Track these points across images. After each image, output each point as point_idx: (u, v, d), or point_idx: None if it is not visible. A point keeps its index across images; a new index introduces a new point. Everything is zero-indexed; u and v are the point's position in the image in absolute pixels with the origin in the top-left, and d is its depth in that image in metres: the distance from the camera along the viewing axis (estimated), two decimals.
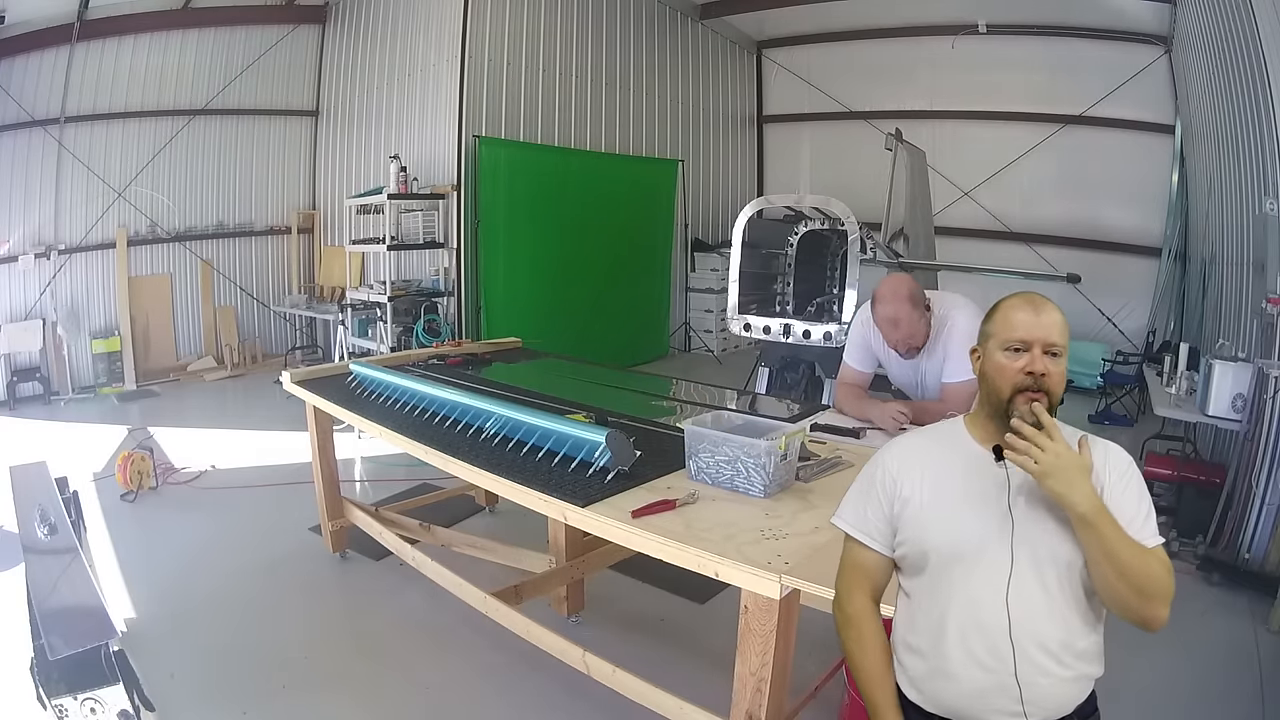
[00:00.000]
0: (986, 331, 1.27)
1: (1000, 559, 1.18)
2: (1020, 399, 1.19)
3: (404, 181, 6.32)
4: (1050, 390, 1.19)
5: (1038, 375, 1.19)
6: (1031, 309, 1.22)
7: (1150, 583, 1.11)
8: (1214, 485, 3.83)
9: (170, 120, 7.38)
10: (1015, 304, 1.25)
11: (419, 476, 4.50)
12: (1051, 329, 1.21)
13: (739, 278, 4.65)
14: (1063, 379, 1.21)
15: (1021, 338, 1.21)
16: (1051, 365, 1.20)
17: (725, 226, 8.50)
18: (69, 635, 1.70)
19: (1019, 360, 1.21)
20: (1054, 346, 1.20)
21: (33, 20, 6.22)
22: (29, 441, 5.40)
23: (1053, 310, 1.23)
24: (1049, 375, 1.19)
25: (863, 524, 1.33)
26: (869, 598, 1.33)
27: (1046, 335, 1.20)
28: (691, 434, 2.06)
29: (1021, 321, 1.22)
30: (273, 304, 8.28)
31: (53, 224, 6.70)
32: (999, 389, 1.22)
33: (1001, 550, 1.19)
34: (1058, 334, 1.21)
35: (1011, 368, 1.21)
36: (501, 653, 2.73)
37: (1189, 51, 6.04)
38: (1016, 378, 1.20)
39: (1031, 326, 1.21)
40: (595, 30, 7.78)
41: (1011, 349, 1.21)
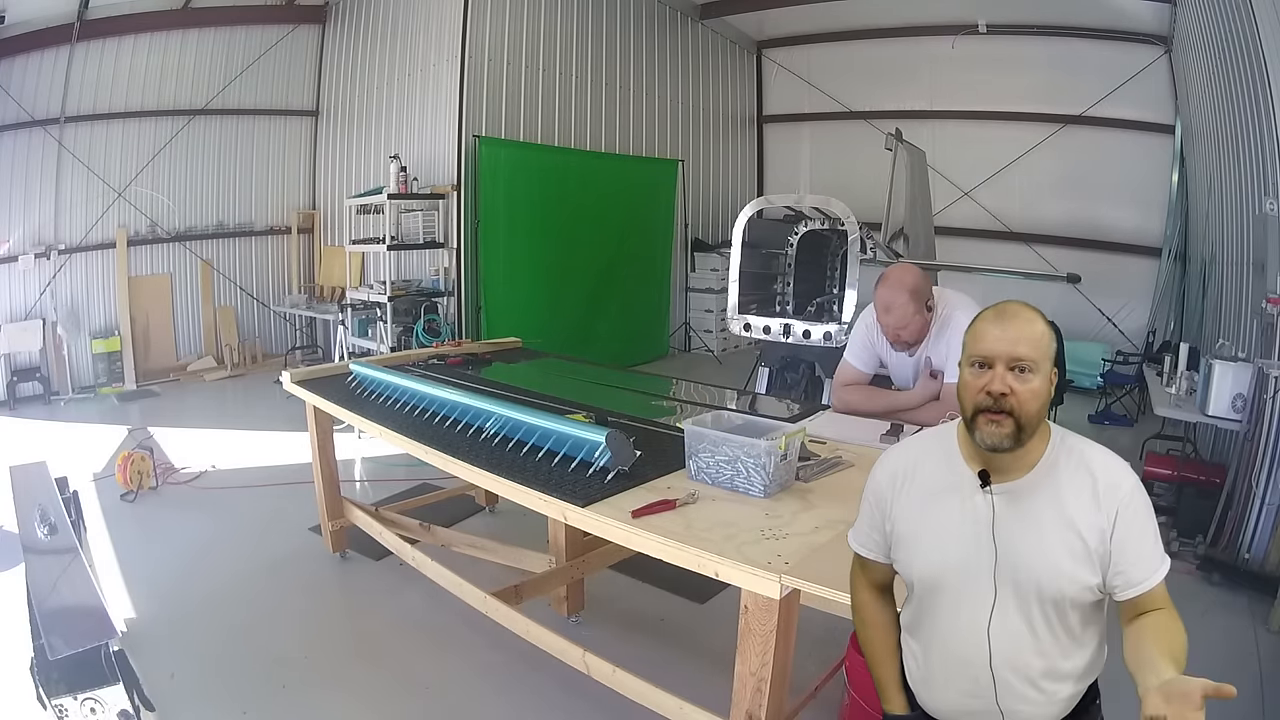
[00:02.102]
0: (964, 342, 1.20)
1: (983, 590, 1.17)
2: (981, 419, 1.13)
3: (404, 181, 6.32)
4: (1015, 410, 1.10)
5: (996, 395, 1.11)
6: (999, 323, 1.14)
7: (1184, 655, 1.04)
8: (1214, 485, 3.83)
9: (170, 120, 7.37)
10: (985, 316, 1.17)
11: (419, 476, 4.50)
12: (1018, 343, 1.11)
13: (739, 278, 4.65)
14: (1034, 395, 1.11)
15: (983, 353, 1.13)
16: (1017, 382, 1.11)
17: (725, 226, 8.50)
18: (69, 635, 1.70)
19: (982, 378, 1.13)
20: (1021, 362, 1.11)
21: (33, 20, 6.22)
22: (29, 441, 5.40)
23: (1025, 323, 1.13)
24: (1012, 394, 1.10)
25: (866, 541, 1.35)
26: (876, 589, 1.38)
27: (1011, 350, 1.11)
28: (691, 434, 2.06)
29: (986, 335, 1.14)
30: (273, 304, 8.27)
31: (53, 224, 6.70)
32: (964, 407, 1.16)
33: (984, 581, 1.17)
34: (1027, 348, 1.11)
35: (974, 385, 1.14)
36: (501, 652, 2.74)
37: (1189, 51, 6.04)
38: (977, 396, 1.13)
39: (995, 341, 1.13)
40: (595, 30, 7.78)
41: (975, 364, 1.15)
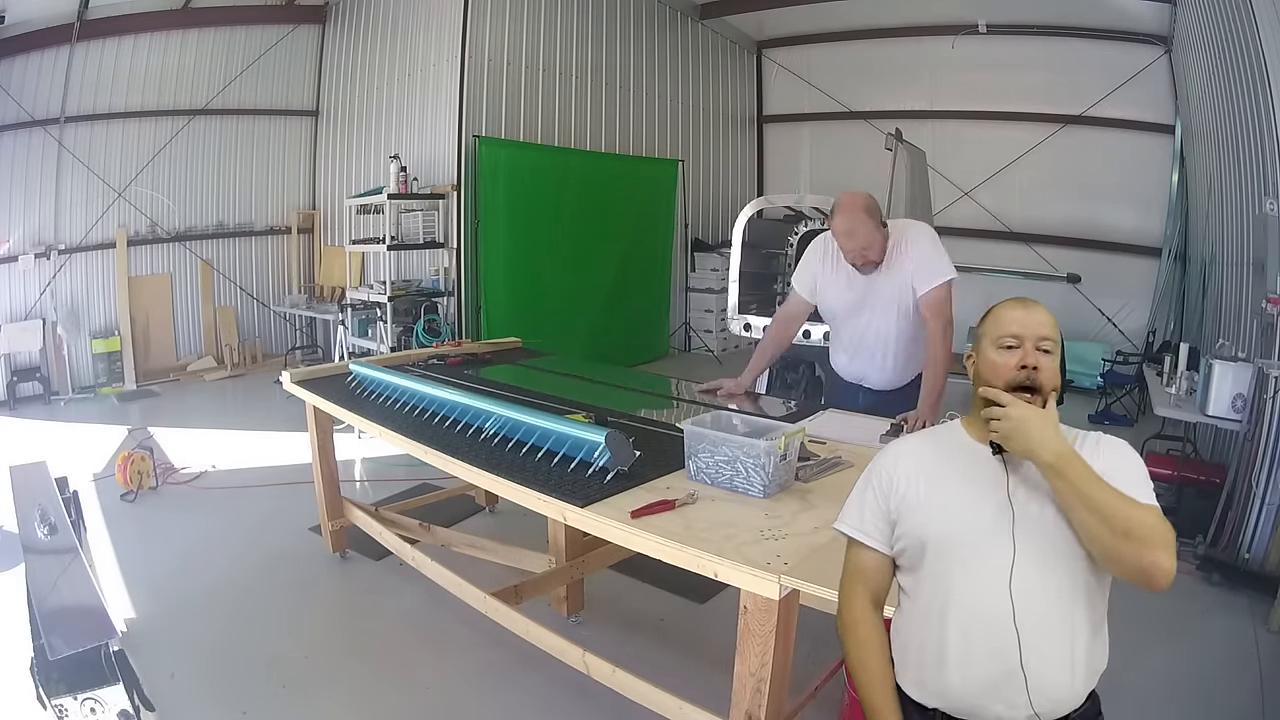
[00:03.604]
0: (979, 333, 1.31)
1: (1002, 548, 1.18)
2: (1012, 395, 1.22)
3: (404, 181, 6.32)
4: (1043, 385, 1.22)
5: (1030, 368, 1.22)
6: (1022, 308, 1.28)
7: (1137, 526, 1.09)
8: (1214, 485, 3.83)
9: (170, 120, 7.37)
10: (1006, 304, 1.30)
11: (419, 476, 4.50)
12: (1043, 325, 1.25)
13: (739, 278, 4.66)
14: (1056, 374, 1.24)
15: (1014, 333, 1.25)
16: (1044, 359, 1.23)
17: (725, 226, 8.49)
18: (69, 635, 1.70)
19: (1012, 356, 1.24)
20: (1045, 341, 1.24)
21: (33, 20, 6.22)
22: (29, 441, 5.40)
23: (1042, 309, 1.28)
24: (1041, 369, 1.23)
25: (860, 523, 1.34)
26: (869, 602, 1.34)
27: (1038, 330, 1.24)
28: (691, 434, 2.06)
29: (1013, 318, 1.26)
30: (273, 304, 8.27)
31: (53, 224, 6.70)
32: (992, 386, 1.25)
33: (1003, 540, 1.19)
34: (1049, 329, 1.25)
35: (1005, 364, 1.24)
36: (501, 652, 2.73)
37: (1189, 51, 6.04)
38: (1010, 373, 1.23)
39: (1023, 323, 1.25)
40: (595, 30, 7.78)
41: (1005, 345, 1.25)
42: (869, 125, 8.46)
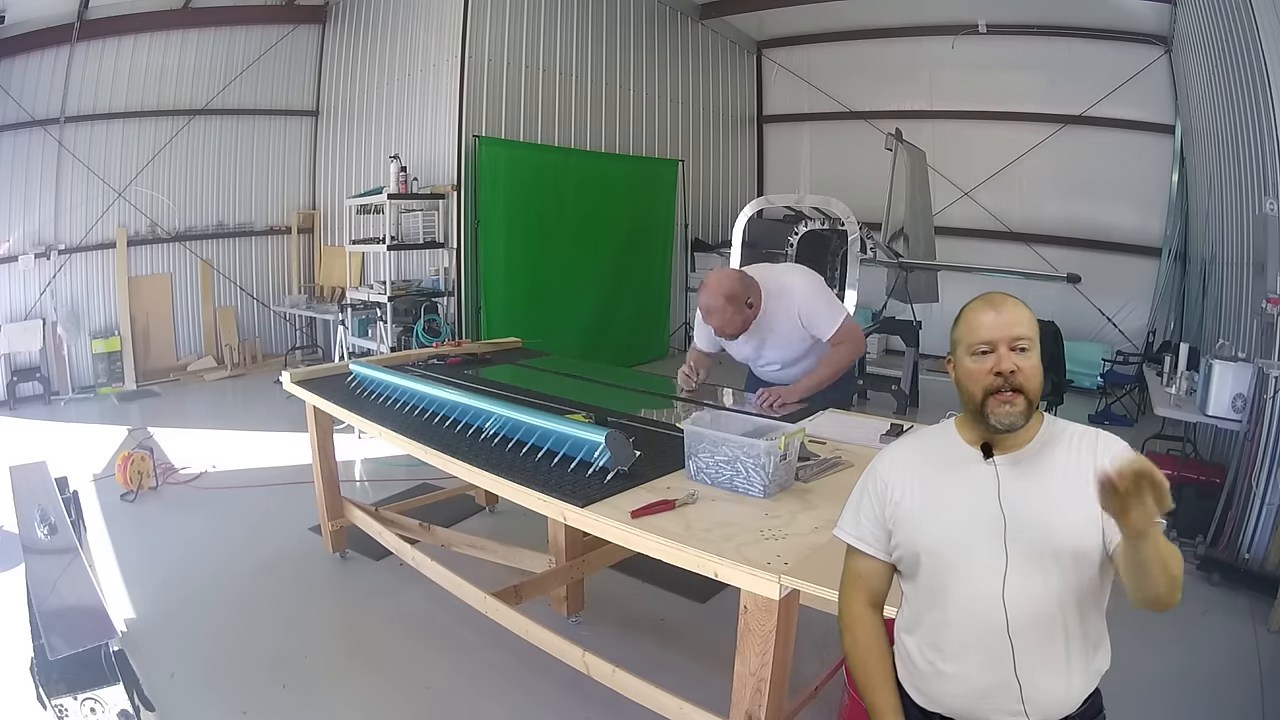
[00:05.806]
0: (954, 339, 1.27)
1: (994, 556, 1.18)
2: (992, 401, 1.19)
3: (404, 181, 6.32)
4: (1023, 386, 1.19)
5: (1006, 374, 1.18)
6: (992, 309, 1.22)
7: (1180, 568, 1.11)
8: (1214, 485, 3.83)
9: (170, 120, 7.37)
10: (975, 306, 1.25)
11: (419, 476, 4.50)
12: (1015, 324, 1.20)
13: None
14: (1036, 371, 1.20)
15: (985, 339, 1.21)
16: (1021, 360, 1.19)
17: (725, 226, 8.49)
18: (69, 635, 1.70)
19: (986, 362, 1.20)
20: (1020, 341, 1.19)
21: (33, 20, 6.22)
22: (29, 441, 5.40)
23: (1014, 306, 1.22)
24: (1019, 370, 1.19)
25: (857, 530, 1.34)
26: (869, 604, 1.34)
27: (1010, 331, 1.20)
28: (691, 434, 2.06)
29: (983, 323, 1.21)
30: (273, 304, 8.27)
31: (53, 224, 6.70)
32: (972, 394, 1.22)
33: (995, 547, 1.18)
34: (1024, 328, 1.20)
35: (980, 370, 1.21)
36: (501, 652, 2.74)
37: (1189, 51, 6.04)
38: (986, 380, 1.20)
39: (994, 326, 1.20)
40: (595, 30, 7.77)
41: (978, 352, 1.21)
42: (869, 125, 8.46)
